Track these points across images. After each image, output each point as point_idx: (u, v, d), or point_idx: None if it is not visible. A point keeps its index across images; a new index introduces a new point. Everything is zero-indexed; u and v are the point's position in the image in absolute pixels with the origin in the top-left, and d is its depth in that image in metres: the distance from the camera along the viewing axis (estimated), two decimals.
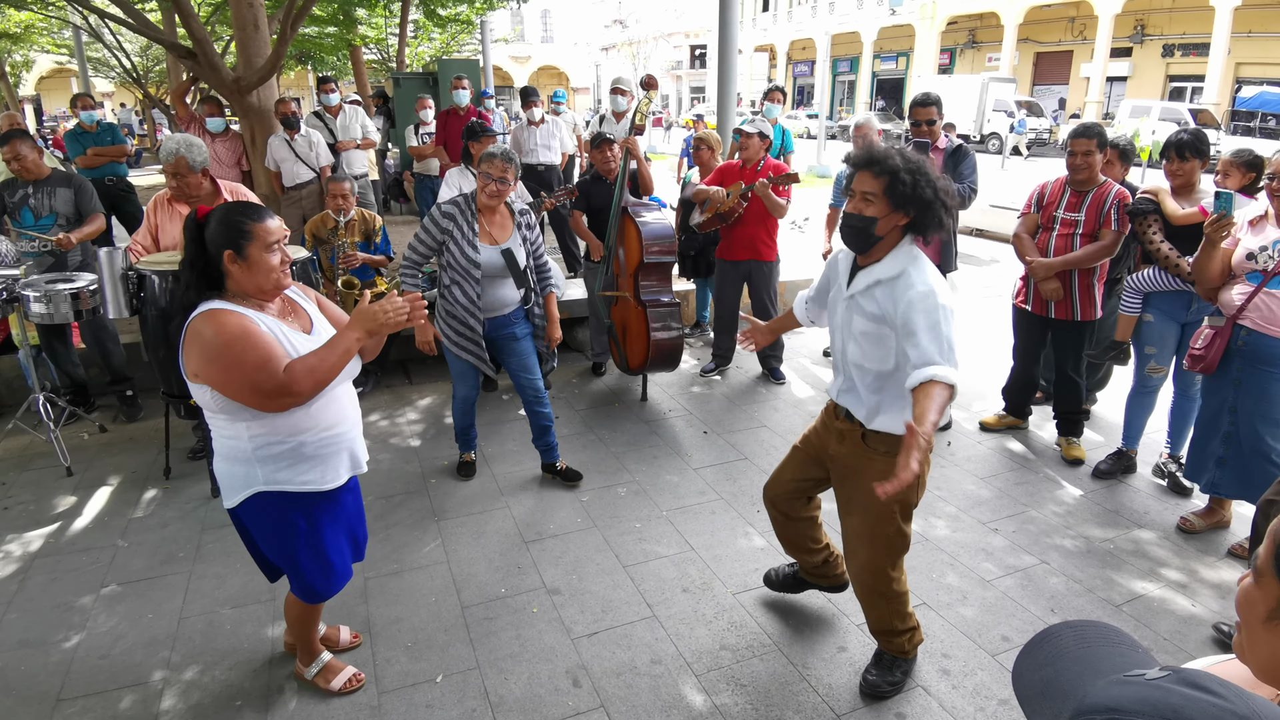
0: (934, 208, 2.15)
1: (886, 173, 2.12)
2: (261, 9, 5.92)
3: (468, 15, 16.43)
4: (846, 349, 2.33)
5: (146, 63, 19.86)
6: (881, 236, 2.18)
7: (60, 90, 35.06)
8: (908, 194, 2.11)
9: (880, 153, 2.16)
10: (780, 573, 2.95)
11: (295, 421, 2.06)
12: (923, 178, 2.13)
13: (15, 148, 4.11)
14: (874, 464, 2.33)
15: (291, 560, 2.22)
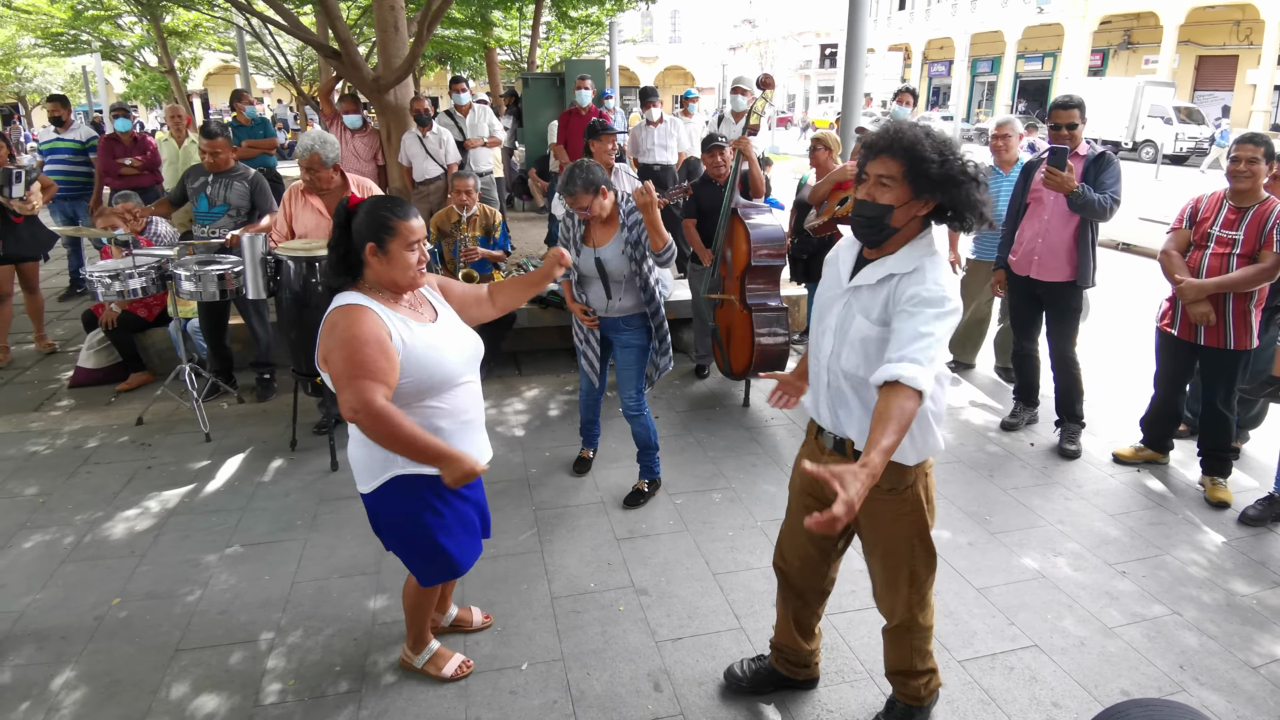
0: (967, 187, 1.85)
1: (906, 153, 1.84)
2: (402, 12, 6.23)
3: (598, 17, 16.74)
4: (841, 355, 2.00)
5: (301, 62, 21.41)
6: (898, 228, 1.90)
7: (225, 86, 38.36)
8: (935, 175, 1.83)
9: (898, 130, 1.88)
10: (745, 668, 2.54)
11: (435, 406, 2.16)
12: (951, 153, 1.84)
13: (216, 144, 4.50)
14: (879, 504, 2.06)
15: (424, 542, 2.27)
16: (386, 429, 1.97)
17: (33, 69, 27.08)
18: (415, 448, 2.01)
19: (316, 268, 3.67)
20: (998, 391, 5.09)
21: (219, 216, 4.59)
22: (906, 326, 1.80)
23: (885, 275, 1.91)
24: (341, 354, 1.99)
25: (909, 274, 1.88)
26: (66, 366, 5.33)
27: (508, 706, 2.45)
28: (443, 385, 2.15)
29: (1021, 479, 3.94)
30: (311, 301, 3.67)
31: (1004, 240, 4.29)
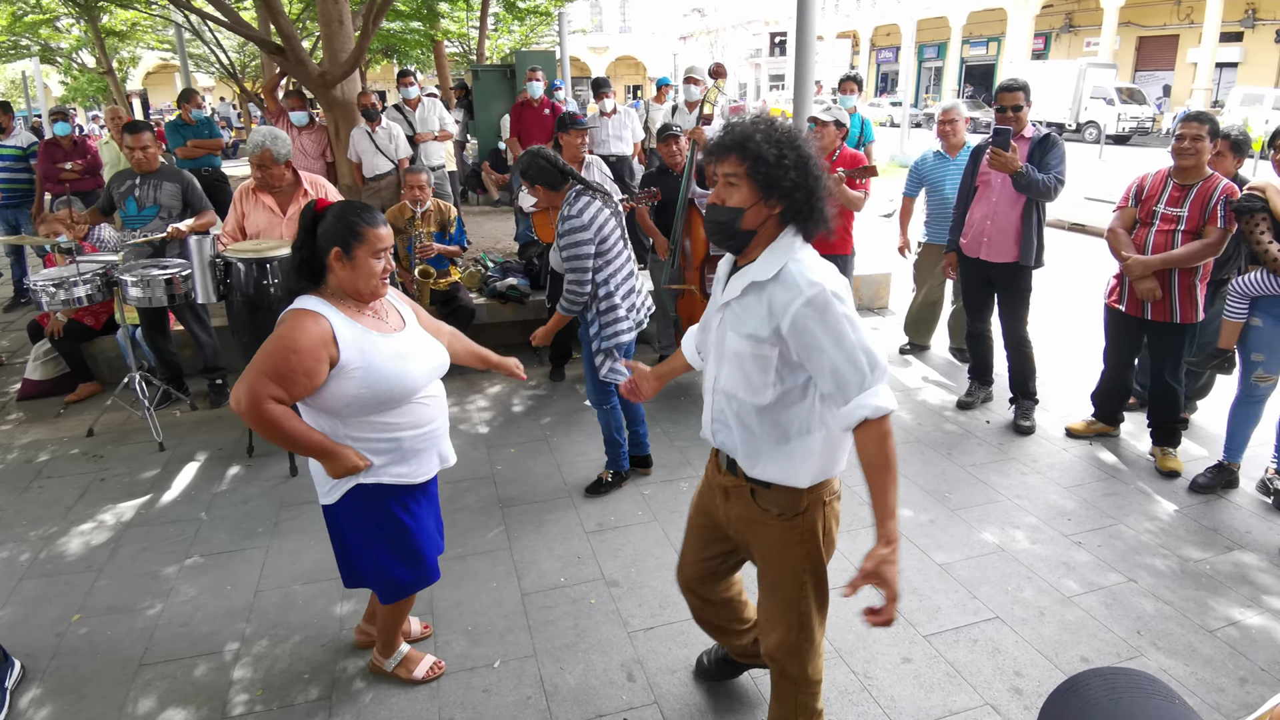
0: (810, 193, 1.70)
1: (744, 150, 1.69)
2: (346, 6, 6.10)
3: (546, 7, 16.57)
4: (719, 373, 1.87)
5: (243, 59, 20.86)
6: (753, 230, 1.74)
7: (165, 85, 37.20)
8: (774, 175, 1.68)
9: (738, 127, 1.72)
10: (711, 657, 2.53)
11: (394, 420, 2.12)
12: (793, 153, 1.68)
13: (143, 138, 4.34)
14: (769, 530, 1.90)
15: (387, 554, 2.23)
16: (271, 428, 1.98)
17: None
18: (302, 444, 2.03)
19: (268, 269, 3.58)
20: (952, 372, 5.20)
21: (150, 219, 4.44)
22: (823, 360, 1.66)
23: (748, 284, 1.76)
24: (268, 348, 1.97)
25: (774, 280, 1.72)
26: (13, 379, 5.13)
27: (481, 705, 2.44)
28: (404, 397, 2.11)
29: (979, 456, 4.03)
30: (264, 303, 3.59)
31: (955, 223, 4.37)
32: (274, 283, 3.59)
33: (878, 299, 6.61)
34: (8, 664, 2.55)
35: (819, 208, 1.73)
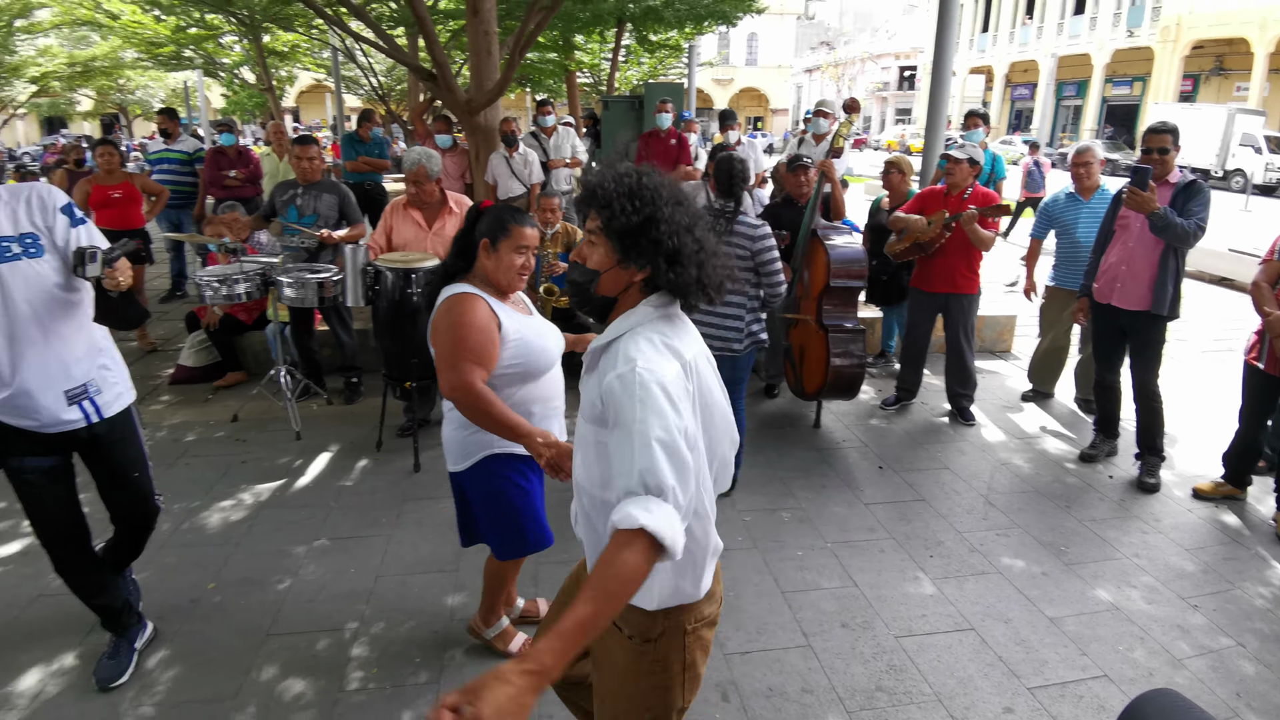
0: (675, 253, 1.44)
1: (599, 204, 1.45)
2: (494, 37, 6.51)
3: (676, 40, 17.01)
4: (576, 461, 1.61)
5: (390, 82, 22.37)
6: (611, 298, 1.51)
7: (316, 104, 40.25)
8: (629, 234, 1.43)
9: (598, 177, 1.48)
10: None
11: (531, 394, 2.36)
12: (655, 207, 1.42)
13: (309, 150, 4.79)
14: (616, 650, 1.58)
15: (512, 516, 2.47)
16: (482, 408, 2.18)
17: (135, 81, 28.93)
18: (505, 425, 2.19)
19: (413, 279, 3.87)
20: (1075, 422, 4.95)
21: (309, 226, 4.86)
22: (617, 448, 1.35)
23: (592, 357, 1.53)
24: (450, 337, 2.19)
25: (605, 348, 1.48)
26: (167, 364, 5.69)
27: None
28: (540, 371, 2.35)
29: (1099, 511, 3.84)
30: (406, 310, 3.87)
31: (1090, 268, 4.20)
32: (416, 292, 3.87)
33: (1000, 342, 6.38)
34: (140, 625, 2.79)
35: (686, 275, 1.45)
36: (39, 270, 2.20)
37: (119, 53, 19.99)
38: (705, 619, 1.61)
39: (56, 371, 2.29)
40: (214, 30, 17.00)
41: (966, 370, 4.83)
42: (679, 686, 1.61)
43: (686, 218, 1.47)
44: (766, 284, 3.60)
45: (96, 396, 2.38)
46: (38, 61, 20.61)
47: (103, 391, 2.40)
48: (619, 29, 15.07)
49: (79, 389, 2.33)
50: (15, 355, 2.21)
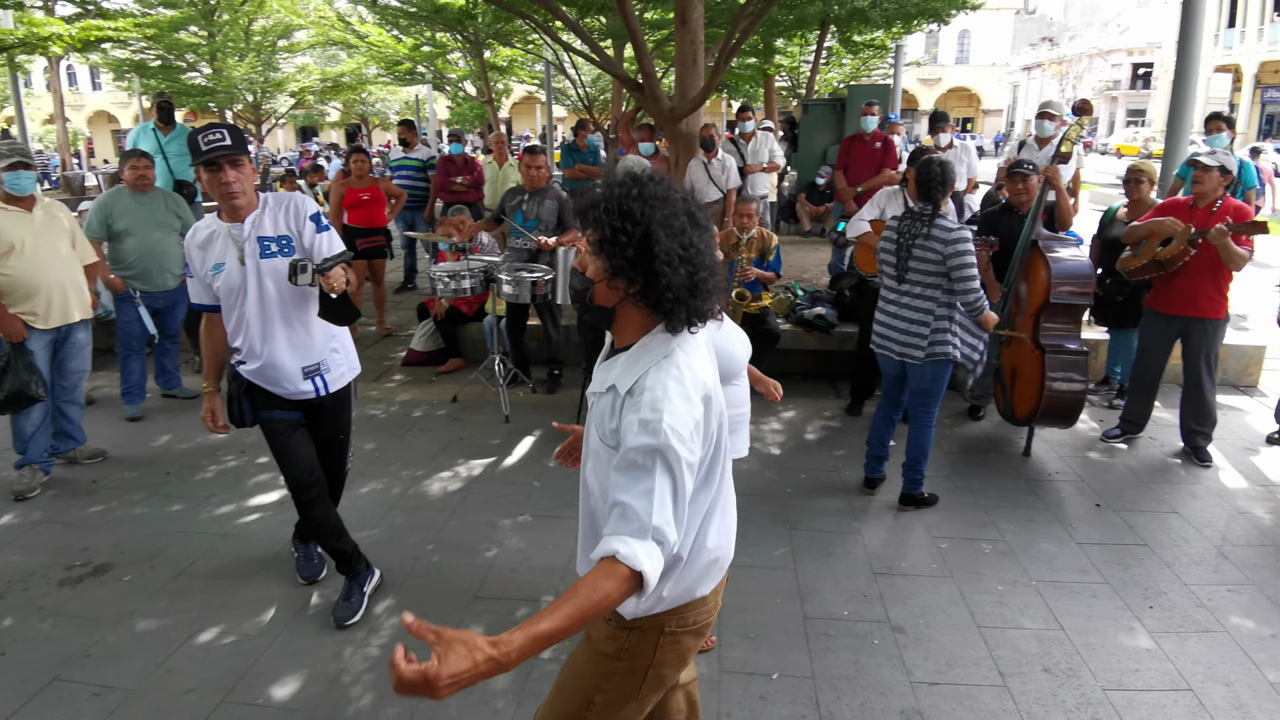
0: (666, 273, 1.39)
1: (595, 223, 1.44)
2: (700, 45, 6.65)
3: (882, 40, 16.40)
4: (585, 460, 1.64)
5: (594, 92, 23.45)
6: (610, 308, 1.50)
7: (527, 115, 42.97)
8: (613, 252, 1.41)
9: (593, 193, 1.48)
10: None
11: (728, 395, 2.39)
12: (646, 226, 1.39)
13: (538, 160, 5.20)
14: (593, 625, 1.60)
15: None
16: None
17: (375, 95, 32.40)
18: None
19: None
20: None
21: (532, 230, 5.24)
22: (626, 482, 1.36)
23: (607, 387, 1.51)
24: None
25: (629, 393, 1.44)
26: (399, 347, 6.37)
27: (758, 710, 2.54)
28: (731, 376, 2.41)
29: None
30: None
31: None
32: None
33: (1246, 375, 5.57)
34: (369, 571, 3.15)
35: (674, 296, 1.41)
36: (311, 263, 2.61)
37: (363, 69, 22.55)
38: (689, 625, 1.61)
39: (297, 350, 2.74)
40: (443, 48, 18.72)
41: (1206, 405, 4.28)
42: (638, 681, 1.61)
43: (683, 237, 1.43)
44: (959, 292, 3.47)
45: (326, 374, 2.83)
46: (296, 78, 23.76)
47: (331, 370, 2.85)
48: (822, 31, 14.79)
49: (313, 366, 2.79)
50: (266, 334, 2.69)
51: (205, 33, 19.99)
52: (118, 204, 4.78)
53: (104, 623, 3.01)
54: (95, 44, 13.46)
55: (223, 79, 19.97)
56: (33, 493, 4.03)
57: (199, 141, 2.54)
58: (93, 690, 2.65)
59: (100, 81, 39.21)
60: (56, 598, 3.18)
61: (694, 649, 1.67)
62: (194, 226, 2.79)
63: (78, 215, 4.67)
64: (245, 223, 2.65)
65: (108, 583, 3.29)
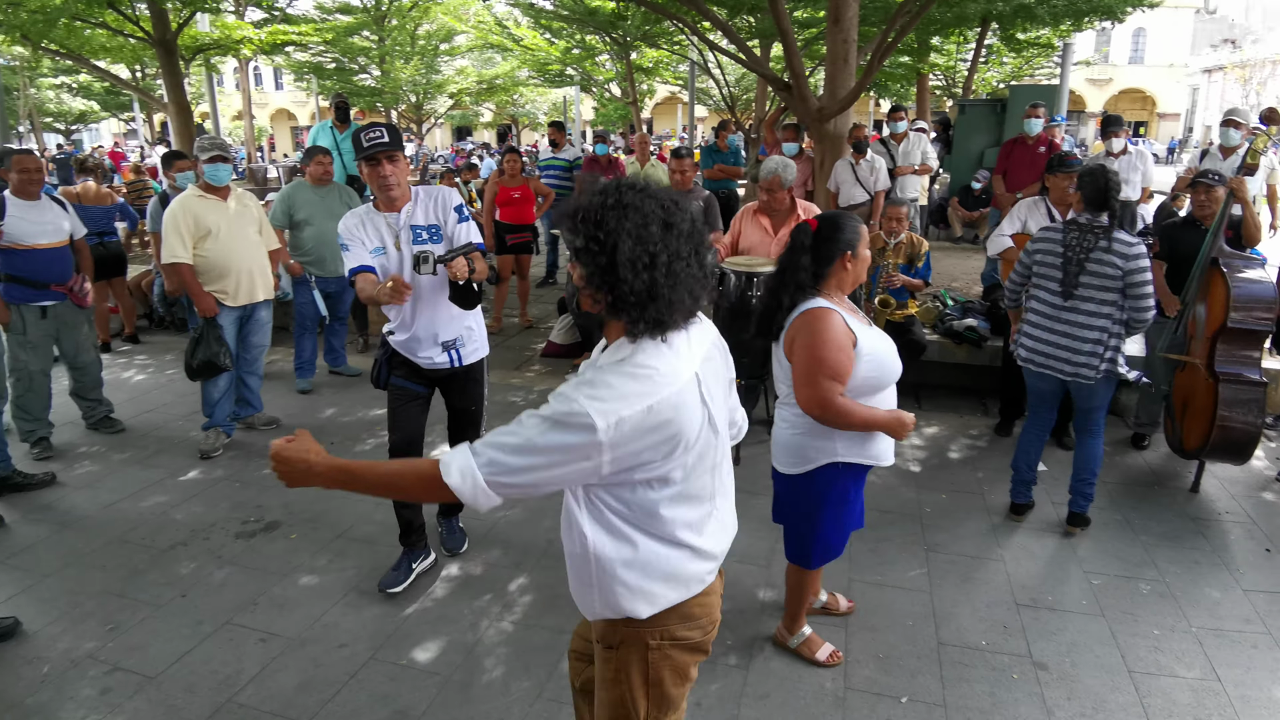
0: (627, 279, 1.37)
1: (571, 230, 1.45)
2: (853, 44, 6.47)
3: (1048, 38, 15.34)
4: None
5: (737, 92, 23.34)
6: (595, 314, 1.49)
7: (668, 115, 43.29)
8: (593, 253, 1.40)
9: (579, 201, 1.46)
10: None
11: (877, 405, 2.40)
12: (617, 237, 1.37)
13: (684, 163, 5.26)
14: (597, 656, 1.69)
15: (825, 526, 2.56)
16: (844, 419, 2.30)
17: (526, 96, 33.66)
18: (870, 423, 2.32)
19: (754, 283, 4.05)
20: None
21: None
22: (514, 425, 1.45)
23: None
24: (807, 354, 2.30)
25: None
26: (539, 339, 6.61)
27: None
28: (883, 384, 2.37)
29: None
30: (744, 311, 4.05)
31: None
32: (755, 295, 4.04)
33: None
34: (425, 551, 3.34)
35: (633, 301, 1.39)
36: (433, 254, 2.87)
37: (516, 72, 23.52)
38: (678, 640, 1.60)
39: (438, 326, 3.06)
40: (592, 51, 19.23)
41: None
42: (642, 700, 1.61)
43: (650, 245, 1.39)
44: (1133, 307, 3.26)
45: (461, 349, 3.14)
46: (455, 80, 25.10)
47: (465, 346, 3.15)
48: (983, 28, 14.01)
49: (451, 341, 3.11)
50: (416, 310, 3.02)
51: (376, 37, 21.52)
52: (299, 196, 5.25)
53: (271, 575, 3.33)
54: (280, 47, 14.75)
55: (390, 80, 21.42)
56: (216, 453, 4.50)
57: (361, 138, 2.85)
58: (259, 636, 2.94)
59: (282, 82, 43.06)
60: (232, 549, 3.54)
61: (691, 665, 1.66)
62: (350, 213, 3.07)
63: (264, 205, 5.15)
64: (400, 213, 2.96)
65: (276, 539, 3.62)
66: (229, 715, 2.56)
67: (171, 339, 6.88)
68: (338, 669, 2.76)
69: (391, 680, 2.70)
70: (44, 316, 4.36)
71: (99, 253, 5.88)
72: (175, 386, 5.65)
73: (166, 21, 10.41)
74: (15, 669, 2.78)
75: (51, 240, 4.31)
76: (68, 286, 4.39)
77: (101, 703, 2.62)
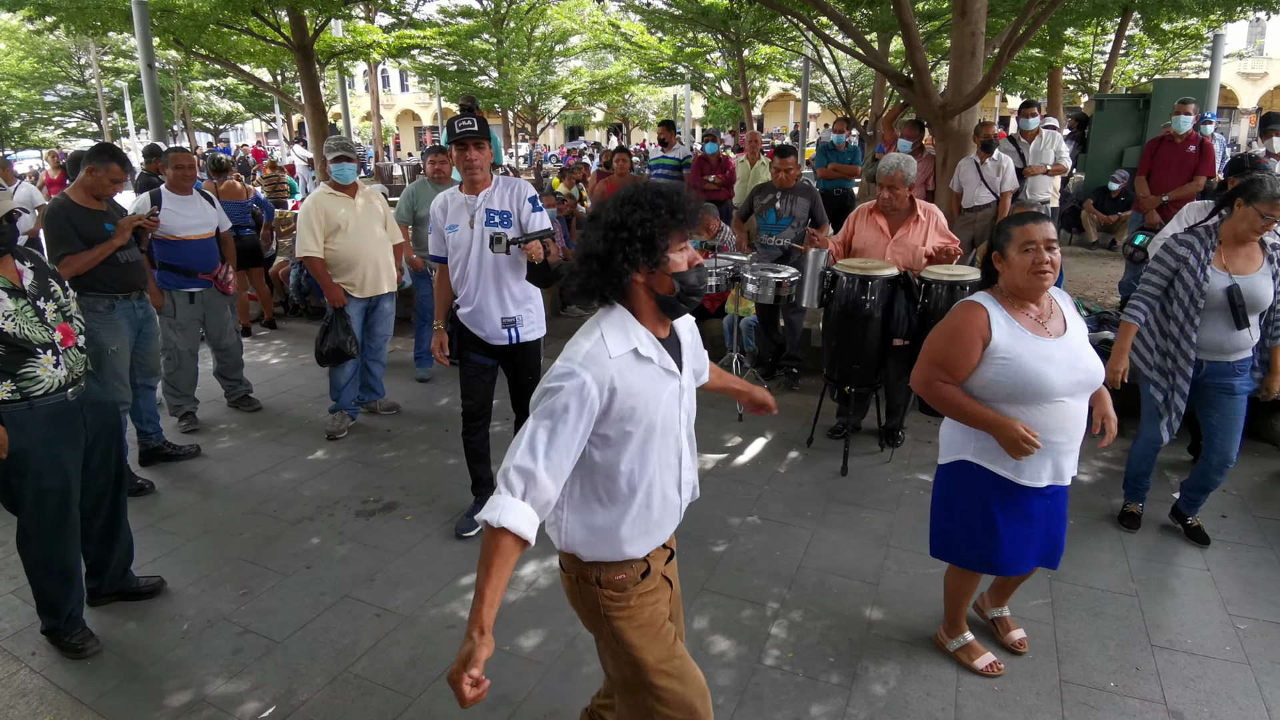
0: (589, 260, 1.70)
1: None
2: (981, 37, 6.15)
3: (1198, 29, 14.14)
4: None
5: (852, 88, 22.68)
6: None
7: (779, 113, 42.59)
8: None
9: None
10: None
11: (1026, 417, 2.30)
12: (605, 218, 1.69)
13: (788, 162, 5.19)
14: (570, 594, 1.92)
15: (962, 528, 2.52)
16: (944, 405, 2.39)
17: (637, 95, 33.88)
18: (971, 417, 2.34)
19: (868, 286, 3.91)
20: None
21: (784, 228, 5.20)
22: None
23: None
24: (933, 338, 2.39)
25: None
26: None
27: None
28: (1036, 398, 2.26)
29: None
30: (858, 316, 3.93)
31: None
32: (870, 299, 3.91)
33: None
34: None
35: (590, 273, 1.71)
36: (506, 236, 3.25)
37: (628, 71, 23.72)
38: (613, 585, 1.79)
39: (500, 303, 3.41)
40: (704, 48, 19.15)
41: None
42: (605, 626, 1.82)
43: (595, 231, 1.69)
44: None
45: (520, 327, 3.47)
46: (569, 80, 25.55)
47: (523, 325, 3.48)
48: (1123, 19, 13.04)
49: (511, 319, 3.44)
50: (480, 285, 3.38)
51: (494, 40, 22.20)
52: (421, 193, 5.47)
53: (388, 553, 3.49)
54: (406, 50, 15.44)
55: (507, 82, 22.05)
56: (341, 434, 4.77)
57: (454, 125, 3.26)
58: (375, 611, 3.09)
59: (408, 84, 45.12)
60: (353, 526, 3.73)
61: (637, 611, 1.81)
62: (442, 194, 3.47)
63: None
64: (479, 196, 3.35)
65: (393, 519, 3.80)
66: (345, 684, 2.70)
67: (305, 326, 7.34)
68: (446, 648, 2.86)
69: (495, 665, 2.77)
70: (192, 302, 4.74)
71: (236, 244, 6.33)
72: (307, 371, 6.02)
73: (304, 27, 11.10)
74: (160, 624, 3.04)
75: (200, 232, 4.67)
76: (213, 275, 4.76)
77: (233, 661, 2.82)
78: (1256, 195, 3.02)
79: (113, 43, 24.08)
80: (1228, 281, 3.11)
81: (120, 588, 3.16)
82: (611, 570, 1.79)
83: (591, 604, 1.82)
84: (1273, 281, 3.13)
